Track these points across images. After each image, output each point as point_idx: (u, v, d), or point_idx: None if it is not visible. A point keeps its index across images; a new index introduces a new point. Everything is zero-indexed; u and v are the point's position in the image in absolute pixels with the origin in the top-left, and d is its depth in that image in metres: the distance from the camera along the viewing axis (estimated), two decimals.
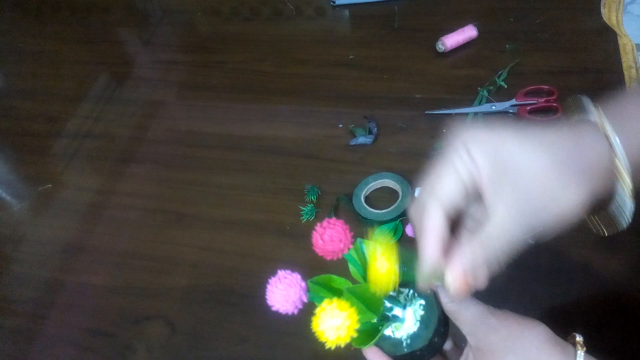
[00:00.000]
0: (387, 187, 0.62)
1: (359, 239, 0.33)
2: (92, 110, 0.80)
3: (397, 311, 0.36)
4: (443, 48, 0.73)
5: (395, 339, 0.36)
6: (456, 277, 0.29)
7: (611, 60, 0.68)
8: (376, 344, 0.36)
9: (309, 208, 0.61)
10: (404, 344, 0.36)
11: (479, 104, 0.67)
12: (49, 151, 0.76)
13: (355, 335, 0.26)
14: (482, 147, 0.28)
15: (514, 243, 0.28)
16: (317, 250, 0.29)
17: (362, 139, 0.66)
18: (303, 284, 0.27)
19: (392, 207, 0.59)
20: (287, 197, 0.64)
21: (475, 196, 0.30)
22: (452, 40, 0.73)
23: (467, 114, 0.66)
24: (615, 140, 0.29)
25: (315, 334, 0.26)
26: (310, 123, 0.71)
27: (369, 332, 0.33)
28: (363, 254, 0.33)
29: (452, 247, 0.30)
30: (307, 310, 0.54)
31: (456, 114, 0.67)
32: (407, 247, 0.31)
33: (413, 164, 0.63)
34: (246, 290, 0.57)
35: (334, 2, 0.85)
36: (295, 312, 0.27)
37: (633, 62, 0.68)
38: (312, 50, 0.80)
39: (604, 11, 0.75)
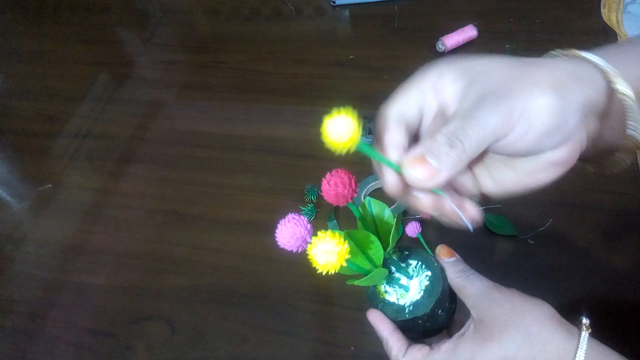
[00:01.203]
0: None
1: (368, 198, 0.35)
2: (92, 110, 0.80)
3: (403, 280, 0.38)
4: (443, 48, 0.73)
5: (398, 305, 0.37)
6: (415, 157, 0.25)
7: None
8: (380, 309, 0.37)
9: (309, 208, 0.61)
10: (406, 310, 0.37)
11: None
12: (49, 151, 0.76)
13: (344, 264, 0.28)
14: (453, 67, 0.28)
15: (480, 126, 0.25)
16: (325, 196, 0.31)
17: (362, 139, 0.66)
18: (309, 227, 0.30)
19: (392, 207, 0.59)
20: (287, 197, 0.64)
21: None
22: (452, 40, 0.73)
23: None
24: (597, 59, 0.28)
25: (310, 261, 0.28)
26: (310, 123, 0.71)
27: (366, 274, 0.34)
28: (369, 210, 0.36)
29: None
30: (307, 311, 0.54)
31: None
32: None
33: None
34: (246, 290, 0.57)
35: (334, 2, 0.85)
36: (299, 250, 0.29)
37: None
38: (312, 50, 0.80)
39: (604, 11, 0.75)
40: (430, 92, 0.29)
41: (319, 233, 0.28)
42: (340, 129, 0.27)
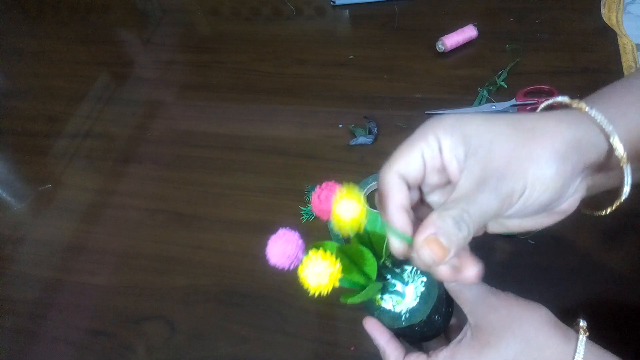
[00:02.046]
0: None
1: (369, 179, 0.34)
2: (92, 110, 0.80)
3: (398, 286, 0.37)
4: (443, 48, 0.73)
5: (394, 312, 0.37)
6: (428, 238, 0.27)
7: (611, 60, 0.68)
8: (376, 317, 0.37)
9: (309, 208, 0.61)
10: (403, 317, 0.36)
11: (479, 104, 0.67)
12: (49, 151, 0.76)
13: (337, 284, 0.27)
14: (451, 132, 0.29)
15: (482, 210, 0.27)
16: (314, 211, 0.31)
17: (362, 139, 0.66)
18: (300, 242, 0.29)
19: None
20: (287, 197, 0.64)
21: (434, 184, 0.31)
22: (452, 40, 0.73)
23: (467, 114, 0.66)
24: (591, 110, 0.28)
25: (301, 282, 0.28)
26: (310, 123, 0.71)
27: (360, 290, 0.34)
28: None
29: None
30: (307, 311, 0.54)
31: (456, 114, 0.67)
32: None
33: None
34: (246, 290, 0.57)
35: (334, 2, 0.85)
36: (291, 267, 0.29)
37: (633, 62, 0.68)
38: (312, 50, 0.81)
39: (604, 11, 0.75)
40: (429, 154, 0.30)
41: (310, 253, 0.28)
42: (347, 212, 0.28)
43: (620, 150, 0.28)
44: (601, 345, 0.33)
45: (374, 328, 0.37)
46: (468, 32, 0.74)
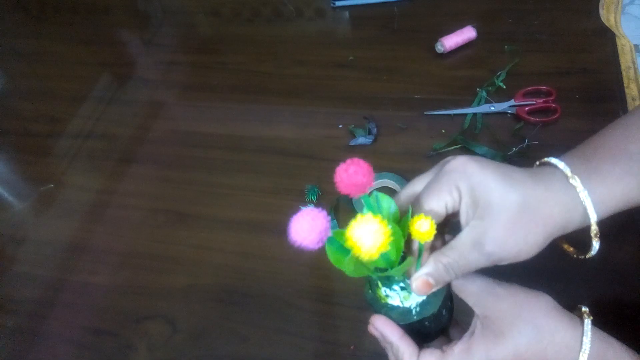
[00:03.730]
0: (387, 187, 0.63)
1: (376, 192, 0.34)
2: (94, 111, 0.80)
3: (405, 282, 0.36)
4: (442, 49, 0.74)
5: (404, 307, 0.36)
6: (421, 277, 0.33)
7: (609, 61, 0.69)
8: (384, 314, 0.37)
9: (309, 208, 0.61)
10: (414, 312, 0.36)
11: (478, 104, 0.68)
12: (51, 151, 0.76)
13: (387, 248, 0.26)
14: (468, 182, 0.33)
15: (470, 265, 0.33)
16: (340, 186, 0.29)
17: (361, 140, 0.67)
18: (328, 218, 0.28)
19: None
20: (287, 197, 0.64)
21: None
22: (451, 41, 0.73)
23: (466, 114, 0.67)
24: (587, 199, 0.32)
25: (350, 246, 0.26)
26: (310, 123, 0.71)
27: (388, 266, 0.34)
28: (379, 207, 0.35)
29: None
30: (307, 311, 0.55)
31: (455, 114, 0.67)
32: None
33: (412, 164, 0.64)
34: (247, 289, 0.57)
35: (334, 4, 0.86)
36: (319, 246, 0.27)
37: (631, 62, 0.68)
38: (312, 51, 0.81)
39: (602, 12, 0.76)
40: (450, 205, 0.34)
41: (357, 216, 0.27)
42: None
43: (594, 229, 0.33)
44: None
45: (384, 325, 0.36)
46: (467, 33, 0.74)
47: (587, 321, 0.33)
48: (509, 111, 0.66)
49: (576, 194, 0.32)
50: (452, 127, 0.66)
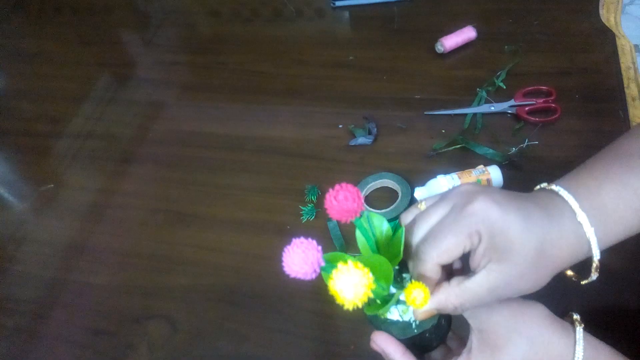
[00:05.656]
0: (387, 187, 0.63)
1: (366, 212, 0.34)
2: (94, 111, 0.80)
3: (403, 296, 0.36)
4: (442, 49, 0.74)
5: (403, 322, 0.36)
6: (427, 309, 0.34)
7: (609, 61, 0.69)
8: (384, 330, 0.36)
9: (309, 208, 0.61)
10: (413, 325, 0.36)
11: (478, 104, 0.68)
12: (51, 151, 0.76)
13: (370, 296, 0.26)
14: (490, 229, 0.32)
15: (479, 301, 0.33)
16: (331, 213, 0.29)
17: (361, 139, 0.67)
18: (319, 248, 0.27)
19: (391, 207, 0.60)
20: (287, 197, 0.64)
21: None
22: (451, 41, 0.73)
23: (466, 114, 0.67)
24: (593, 238, 0.33)
25: (333, 296, 0.26)
26: (310, 123, 0.71)
27: (381, 301, 0.34)
28: (370, 226, 0.35)
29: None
30: (307, 310, 0.55)
31: (455, 114, 0.67)
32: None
33: (412, 164, 0.64)
34: (247, 289, 0.57)
35: (334, 4, 0.86)
36: (314, 277, 0.27)
37: (631, 62, 0.68)
38: (312, 51, 0.81)
39: (602, 12, 0.76)
40: (468, 248, 0.33)
41: (339, 266, 0.26)
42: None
43: (596, 265, 0.34)
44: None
45: (387, 342, 0.36)
46: (467, 33, 0.74)
47: (579, 329, 0.34)
48: (509, 111, 0.66)
49: (583, 232, 0.33)
50: (452, 127, 0.66)
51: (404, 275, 0.38)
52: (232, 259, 0.60)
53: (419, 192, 0.58)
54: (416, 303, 0.31)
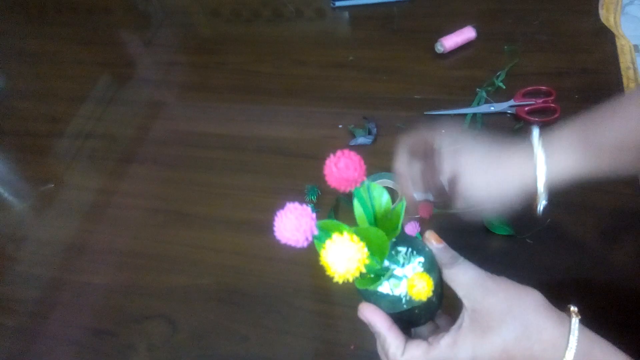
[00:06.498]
0: (387, 187, 0.63)
1: (368, 182, 0.32)
2: (94, 111, 0.80)
3: (398, 271, 0.36)
4: (442, 49, 0.74)
5: (394, 296, 0.35)
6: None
7: (609, 61, 0.69)
8: (373, 302, 0.36)
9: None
10: (403, 300, 0.35)
11: (478, 104, 0.68)
12: (51, 151, 0.76)
13: (363, 271, 0.25)
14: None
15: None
16: (330, 181, 0.27)
17: (361, 140, 0.67)
18: (314, 215, 0.26)
19: (391, 207, 0.60)
20: (287, 197, 0.63)
21: None
22: (451, 41, 0.73)
23: (465, 114, 0.67)
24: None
25: (324, 267, 0.25)
26: (310, 123, 0.71)
27: (373, 276, 0.33)
28: (370, 198, 0.33)
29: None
30: (307, 310, 0.55)
31: (455, 114, 0.67)
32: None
33: None
34: (247, 289, 0.58)
35: (334, 4, 0.86)
36: (306, 244, 0.26)
37: (631, 62, 0.68)
38: (312, 51, 0.81)
39: (602, 12, 0.76)
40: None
41: (333, 236, 0.25)
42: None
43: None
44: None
45: (374, 314, 0.35)
46: (467, 34, 0.74)
47: (575, 320, 0.33)
48: (509, 111, 0.66)
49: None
50: (452, 127, 0.66)
51: (399, 248, 0.37)
52: (232, 258, 0.60)
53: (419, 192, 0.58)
54: (419, 292, 0.30)
